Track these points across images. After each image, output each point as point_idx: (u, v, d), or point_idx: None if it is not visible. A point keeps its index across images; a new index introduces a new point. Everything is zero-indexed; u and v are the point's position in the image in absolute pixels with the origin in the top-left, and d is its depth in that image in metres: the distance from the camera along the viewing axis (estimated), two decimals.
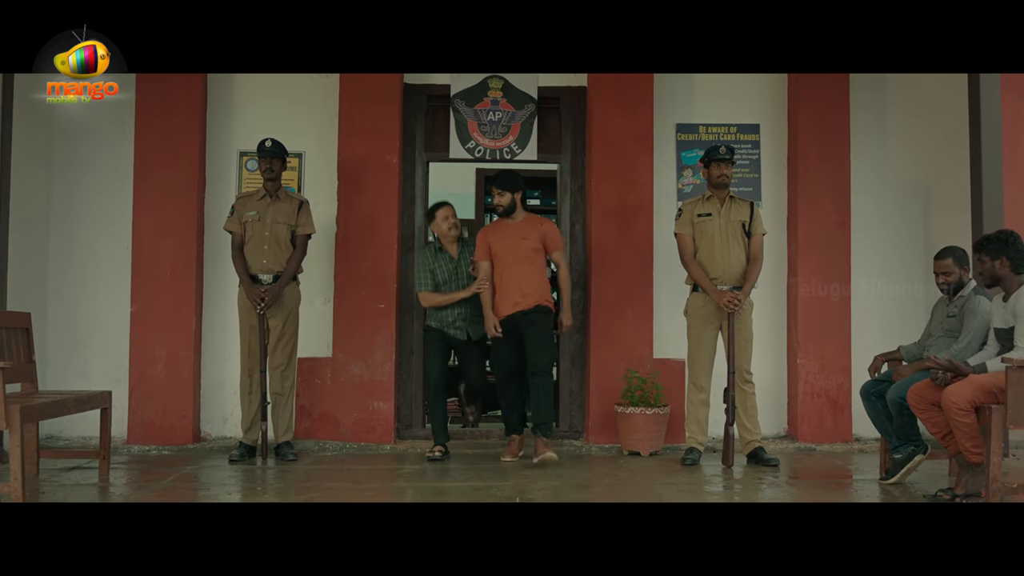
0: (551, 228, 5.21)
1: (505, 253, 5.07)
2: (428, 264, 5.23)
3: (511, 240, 5.08)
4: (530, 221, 5.18)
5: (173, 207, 5.56)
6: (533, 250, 5.10)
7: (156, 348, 5.50)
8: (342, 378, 5.56)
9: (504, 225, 5.17)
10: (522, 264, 5.06)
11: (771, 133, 5.97)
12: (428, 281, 5.21)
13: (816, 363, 5.70)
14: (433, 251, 5.26)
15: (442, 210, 5.24)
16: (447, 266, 5.23)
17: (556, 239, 5.20)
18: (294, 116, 5.80)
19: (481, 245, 5.15)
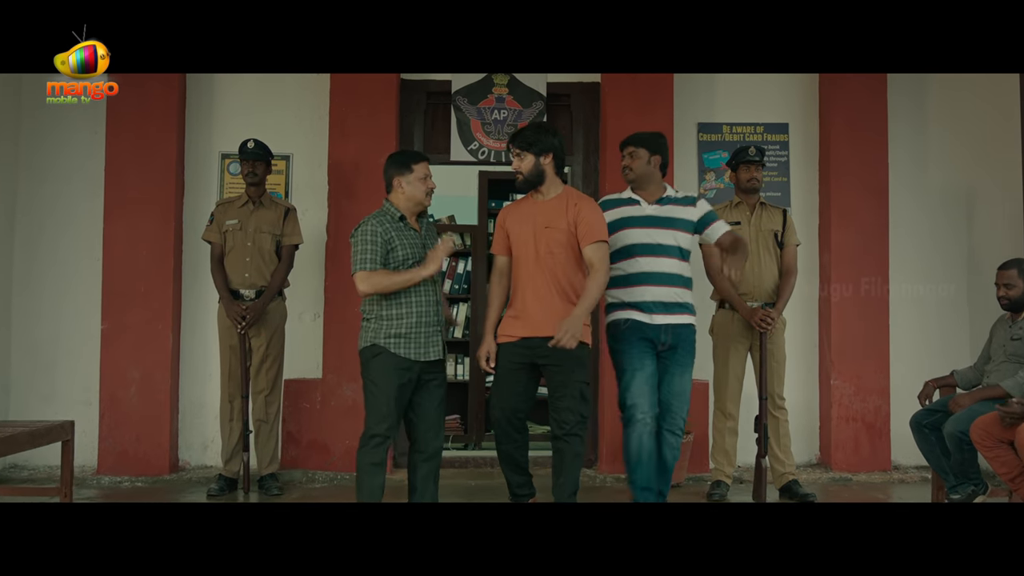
0: (588, 210, 3.63)
1: (523, 245, 3.65)
2: (380, 235, 3.50)
3: (532, 226, 3.62)
4: (562, 200, 3.66)
5: (147, 214, 5.09)
6: (558, 243, 3.59)
7: (129, 369, 5.03)
8: (333, 401, 5.08)
9: (527, 205, 3.73)
10: (545, 264, 3.60)
11: (801, 133, 5.49)
12: (378, 257, 3.48)
13: (851, 384, 5.22)
14: (391, 219, 3.59)
15: (423, 164, 3.69)
16: (411, 242, 3.57)
17: (593, 226, 3.59)
18: (281, 115, 5.34)
19: (499, 231, 3.76)
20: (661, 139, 3.87)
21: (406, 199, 3.64)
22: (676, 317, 3.71)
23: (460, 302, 6.59)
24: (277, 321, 4.73)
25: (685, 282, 3.78)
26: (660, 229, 3.76)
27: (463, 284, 6.61)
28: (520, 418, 3.73)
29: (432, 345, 3.60)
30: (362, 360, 3.58)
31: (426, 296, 3.59)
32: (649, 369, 3.64)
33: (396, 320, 3.54)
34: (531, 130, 3.73)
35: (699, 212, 3.81)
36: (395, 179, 3.66)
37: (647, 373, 3.63)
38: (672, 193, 3.86)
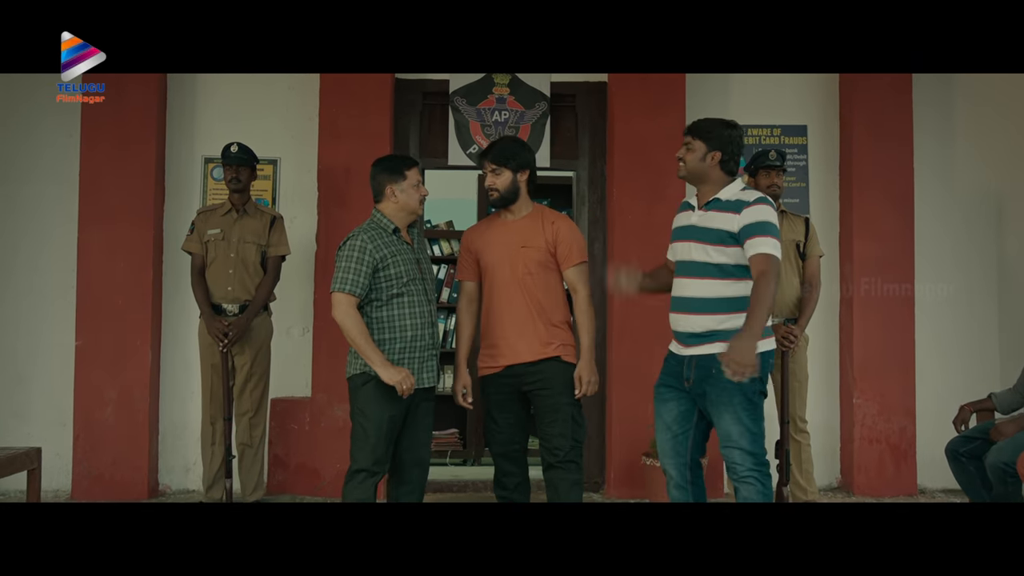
0: (567, 229, 3.44)
1: (497, 267, 3.41)
2: (370, 253, 3.17)
3: (507, 247, 3.40)
4: (536, 218, 3.45)
5: (125, 223, 4.76)
6: (537, 264, 3.39)
7: (105, 388, 4.71)
8: (323, 423, 4.76)
9: (497, 225, 3.47)
10: (523, 286, 3.38)
11: (820, 136, 5.18)
12: (361, 279, 3.16)
13: (875, 404, 4.91)
14: (384, 233, 3.27)
15: (415, 169, 3.37)
16: (404, 257, 3.28)
17: (573, 246, 3.42)
18: (267, 117, 5.02)
19: (465, 255, 3.51)
20: (728, 130, 3.11)
21: (399, 208, 3.33)
22: (706, 347, 3.03)
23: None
24: (262, 338, 4.42)
25: (728, 306, 3.01)
26: (693, 243, 3.10)
27: None
28: (518, 451, 3.48)
29: (426, 371, 3.29)
30: (350, 387, 3.28)
31: (421, 317, 3.28)
32: (670, 414, 3.18)
33: (388, 344, 3.23)
34: (509, 144, 3.49)
35: (742, 220, 2.99)
36: (387, 187, 3.34)
37: (665, 421, 3.19)
38: (724, 194, 3.08)
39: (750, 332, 2.83)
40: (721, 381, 2.98)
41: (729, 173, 3.13)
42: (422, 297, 3.31)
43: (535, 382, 3.36)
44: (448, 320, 6.35)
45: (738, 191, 3.10)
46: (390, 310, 3.24)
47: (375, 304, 3.25)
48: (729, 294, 3.02)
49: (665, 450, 3.18)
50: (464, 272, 3.53)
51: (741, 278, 3.02)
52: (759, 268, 2.95)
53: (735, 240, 3.02)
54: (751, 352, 2.80)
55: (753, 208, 3.00)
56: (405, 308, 3.25)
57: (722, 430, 3.03)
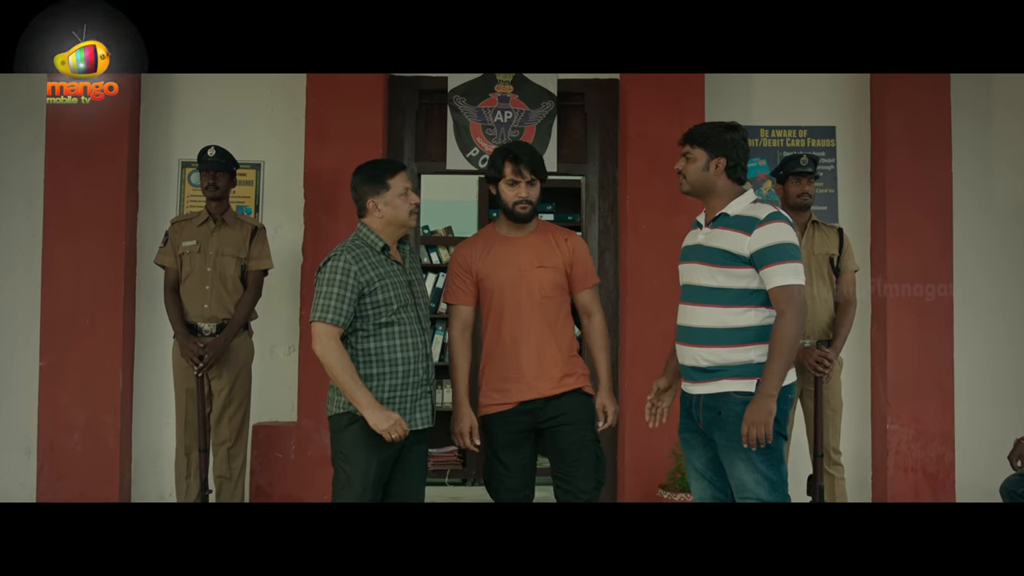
0: (582, 247, 3.20)
1: (508, 290, 3.06)
2: (355, 276, 2.81)
3: (519, 267, 3.07)
4: (546, 235, 3.15)
5: (94, 233, 4.39)
6: (554, 286, 3.09)
7: (72, 412, 4.34)
8: (309, 451, 4.38)
9: (500, 243, 3.12)
10: (540, 310, 3.06)
11: (851, 138, 4.79)
12: (345, 306, 2.79)
13: (910, 429, 4.52)
14: (371, 252, 2.90)
15: (402, 175, 2.96)
16: (394, 280, 2.91)
17: (589, 266, 3.19)
18: (250, 117, 4.64)
19: (461, 276, 3.12)
20: (729, 133, 2.80)
21: (385, 223, 2.94)
22: (712, 385, 2.70)
23: None
24: (242, 360, 4.03)
25: (737, 338, 2.67)
26: (698, 265, 2.76)
27: None
28: (530, 498, 3.13)
29: (420, 409, 2.91)
30: (332, 429, 2.89)
31: (414, 349, 2.89)
32: (700, 460, 2.82)
33: (376, 381, 2.84)
34: (536, 153, 3.17)
35: (753, 244, 2.63)
36: (369, 200, 2.94)
37: (697, 469, 2.84)
38: (732, 208, 2.73)
39: (766, 395, 2.57)
40: (730, 424, 2.64)
41: (737, 181, 2.80)
42: (415, 326, 2.91)
43: (556, 417, 3.03)
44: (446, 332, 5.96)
45: (747, 205, 2.74)
46: (378, 341, 2.85)
47: (360, 335, 2.86)
48: (739, 324, 2.68)
49: (705, 500, 2.84)
50: (460, 295, 3.14)
51: (753, 305, 2.68)
52: (779, 306, 2.63)
53: (745, 262, 2.66)
54: (770, 416, 2.55)
55: (766, 228, 2.64)
56: (396, 339, 2.86)
57: (736, 479, 2.69)
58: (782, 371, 2.59)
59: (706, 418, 2.72)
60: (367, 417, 2.74)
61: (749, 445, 2.57)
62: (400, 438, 2.75)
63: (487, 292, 3.10)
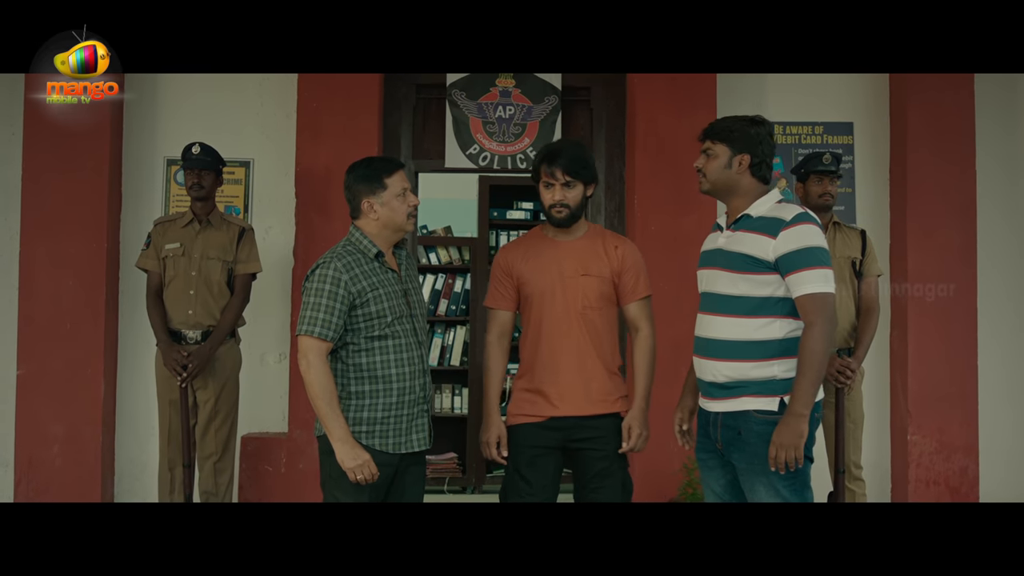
0: (633, 255, 2.92)
1: (547, 298, 2.85)
2: (345, 286, 2.59)
3: (561, 274, 2.84)
4: (595, 240, 2.91)
5: (75, 235, 4.18)
6: (599, 296, 2.85)
7: (52, 424, 4.14)
8: (301, 463, 4.16)
9: (546, 245, 2.90)
10: (582, 322, 2.83)
11: (869, 134, 4.57)
12: (334, 319, 2.57)
13: (932, 440, 4.31)
14: (364, 258, 2.68)
15: (400, 173, 2.73)
16: (389, 290, 2.68)
17: (641, 276, 2.90)
18: (239, 112, 4.43)
19: (503, 280, 2.93)
20: (755, 127, 2.59)
21: (381, 226, 2.71)
22: (731, 402, 2.50)
23: (458, 324, 5.79)
24: (229, 369, 3.81)
25: (759, 351, 2.46)
26: (719, 271, 2.56)
27: (461, 304, 5.81)
28: None
29: (416, 430, 2.69)
30: (321, 450, 2.67)
31: (410, 365, 2.67)
32: (718, 483, 2.61)
33: (370, 399, 2.62)
34: (580, 150, 2.90)
35: (779, 247, 2.42)
36: (364, 200, 2.70)
37: (715, 491, 2.63)
38: (756, 209, 2.53)
39: (797, 414, 2.36)
40: (750, 445, 2.44)
41: (763, 180, 2.58)
42: (411, 339, 2.69)
43: (587, 440, 2.81)
44: (446, 335, 5.78)
45: (772, 205, 2.53)
46: (371, 356, 2.63)
47: (352, 348, 2.64)
48: (761, 336, 2.47)
49: None
50: (499, 299, 2.95)
51: (777, 315, 2.46)
52: (807, 316, 2.41)
53: (770, 267, 2.44)
54: (801, 438, 2.36)
55: (793, 231, 2.43)
56: (390, 354, 2.64)
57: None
58: (813, 388, 2.38)
59: (724, 438, 2.51)
60: (335, 449, 2.53)
61: (777, 468, 2.37)
62: (366, 481, 2.53)
63: (526, 298, 2.90)
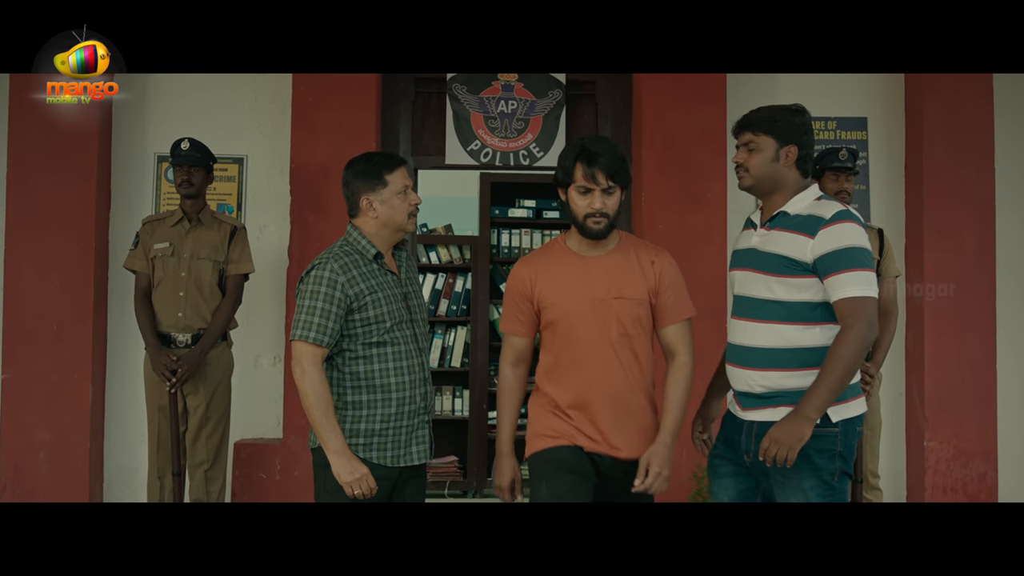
0: (672, 271, 2.54)
1: (577, 323, 2.48)
2: (342, 288, 2.44)
3: (591, 296, 2.48)
4: (628, 254, 2.53)
5: (61, 234, 4.06)
6: (636, 321, 2.49)
7: (38, 430, 4.02)
8: (296, 470, 4.03)
9: (573, 261, 2.53)
10: (617, 352, 2.47)
11: (883, 130, 4.43)
12: (330, 323, 2.42)
13: (950, 447, 4.17)
14: (363, 260, 2.52)
15: (402, 170, 2.57)
16: (389, 293, 2.52)
17: (680, 296, 2.54)
18: (232, 107, 4.30)
19: (517, 300, 2.56)
20: (798, 117, 2.40)
21: (380, 225, 2.56)
22: (768, 412, 2.31)
23: (458, 325, 5.64)
24: (220, 373, 3.68)
25: (798, 359, 2.29)
26: (753, 273, 2.37)
27: (462, 304, 5.67)
28: None
29: (417, 442, 2.55)
30: (316, 463, 2.52)
31: (410, 373, 2.52)
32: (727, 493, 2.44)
33: (368, 410, 2.48)
34: (618, 151, 2.51)
35: (817, 248, 2.25)
36: (362, 197, 2.56)
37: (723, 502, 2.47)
38: (793, 207, 2.35)
39: (803, 416, 2.20)
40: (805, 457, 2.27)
41: (805, 174, 2.41)
42: (411, 346, 2.55)
43: (618, 477, 2.48)
44: (446, 336, 5.63)
45: (811, 202, 2.35)
46: (368, 364, 2.49)
47: (348, 356, 2.49)
48: (800, 343, 2.30)
49: None
50: (515, 324, 2.57)
51: (817, 322, 2.29)
52: (844, 320, 2.23)
53: (808, 270, 2.27)
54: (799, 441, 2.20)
55: (833, 230, 2.26)
56: (389, 362, 2.49)
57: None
58: (830, 395, 2.21)
59: (759, 448, 2.28)
60: (331, 463, 2.39)
61: (765, 461, 2.23)
62: (364, 496, 2.40)
63: (549, 323, 2.51)
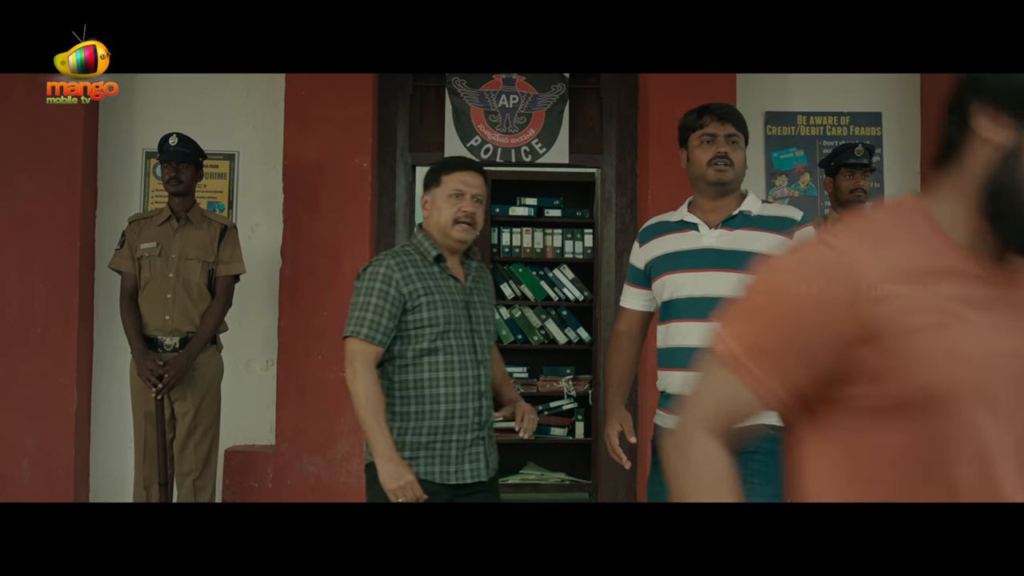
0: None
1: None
2: (397, 285, 2.28)
3: None
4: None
5: (45, 234, 3.90)
6: None
7: (21, 437, 3.86)
8: (289, 479, 3.88)
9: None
10: None
11: (898, 125, 4.28)
12: (384, 320, 2.25)
13: None
14: (423, 260, 2.36)
15: (462, 174, 2.38)
16: (447, 297, 2.34)
17: None
18: (222, 101, 4.15)
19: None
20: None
21: (431, 226, 2.40)
22: None
23: None
24: (209, 379, 3.52)
25: None
26: (723, 272, 2.26)
27: None
28: None
29: (470, 460, 2.34)
30: (367, 479, 2.36)
31: (463, 384, 2.32)
32: None
33: (415, 421, 2.30)
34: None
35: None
36: (424, 195, 2.43)
37: None
38: (752, 206, 2.32)
39: None
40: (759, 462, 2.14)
41: None
42: (466, 356, 2.33)
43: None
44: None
45: (761, 203, 2.35)
46: (418, 372, 2.30)
47: (398, 363, 2.30)
48: None
49: None
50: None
51: None
52: None
53: None
54: None
55: (807, 231, 2.26)
56: (440, 371, 2.29)
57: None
58: None
59: None
60: (378, 468, 2.21)
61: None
62: (410, 500, 2.21)
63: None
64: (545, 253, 5.37)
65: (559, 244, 5.39)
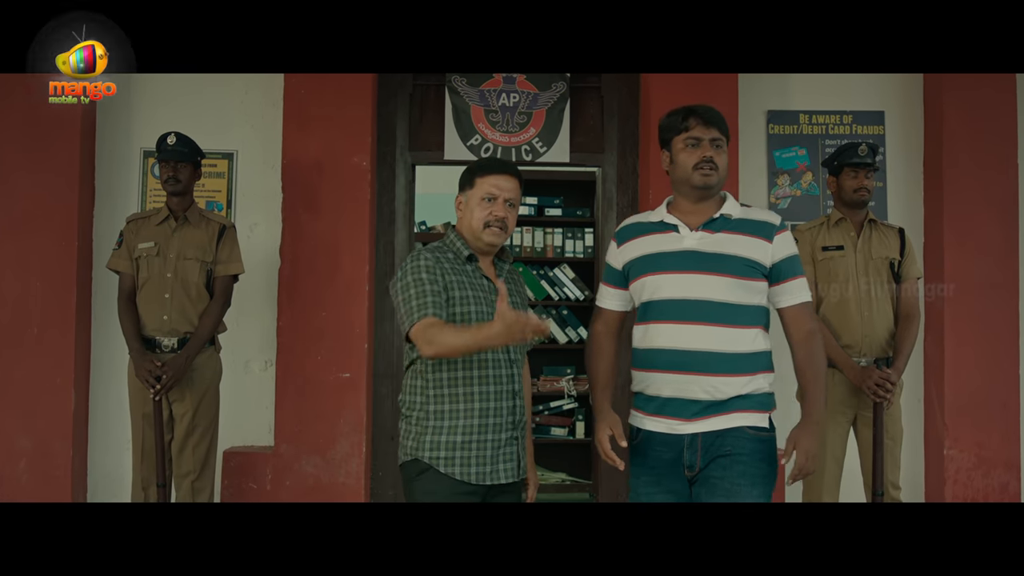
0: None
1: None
2: (432, 274, 2.26)
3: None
4: None
5: (42, 234, 3.89)
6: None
7: (18, 438, 3.85)
8: (288, 480, 3.86)
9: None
10: None
11: (901, 124, 4.25)
12: (428, 298, 2.23)
13: (971, 455, 3.99)
14: (457, 257, 2.36)
15: (496, 177, 2.35)
16: (478, 294, 2.32)
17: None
18: (221, 100, 4.13)
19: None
20: None
21: (464, 227, 2.39)
22: (720, 419, 2.24)
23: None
24: (207, 380, 3.50)
25: (753, 364, 2.26)
26: (704, 275, 2.26)
27: None
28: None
29: (505, 459, 2.31)
30: (403, 479, 2.34)
31: (496, 383, 2.30)
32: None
33: (450, 420, 2.27)
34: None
35: (776, 252, 2.29)
36: (458, 196, 2.42)
37: None
38: (732, 210, 2.33)
39: (818, 422, 2.32)
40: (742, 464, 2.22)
41: None
42: (500, 355, 2.30)
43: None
44: None
45: (741, 207, 2.36)
46: (452, 371, 2.27)
47: (431, 361, 2.27)
48: (754, 348, 2.27)
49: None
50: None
51: (761, 326, 2.31)
52: (807, 324, 2.33)
53: (764, 274, 2.29)
54: (819, 444, 2.34)
55: (786, 235, 2.34)
56: (474, 369, 2.27)
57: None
58: (824, 399, 2.38)
59: (705, 459, 2.23)
60: (491, 330, 2.07)
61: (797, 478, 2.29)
62: (525, 338, 2.07)
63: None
64: (545, 252, 5.36)
65: (559, 243, 5.38)
